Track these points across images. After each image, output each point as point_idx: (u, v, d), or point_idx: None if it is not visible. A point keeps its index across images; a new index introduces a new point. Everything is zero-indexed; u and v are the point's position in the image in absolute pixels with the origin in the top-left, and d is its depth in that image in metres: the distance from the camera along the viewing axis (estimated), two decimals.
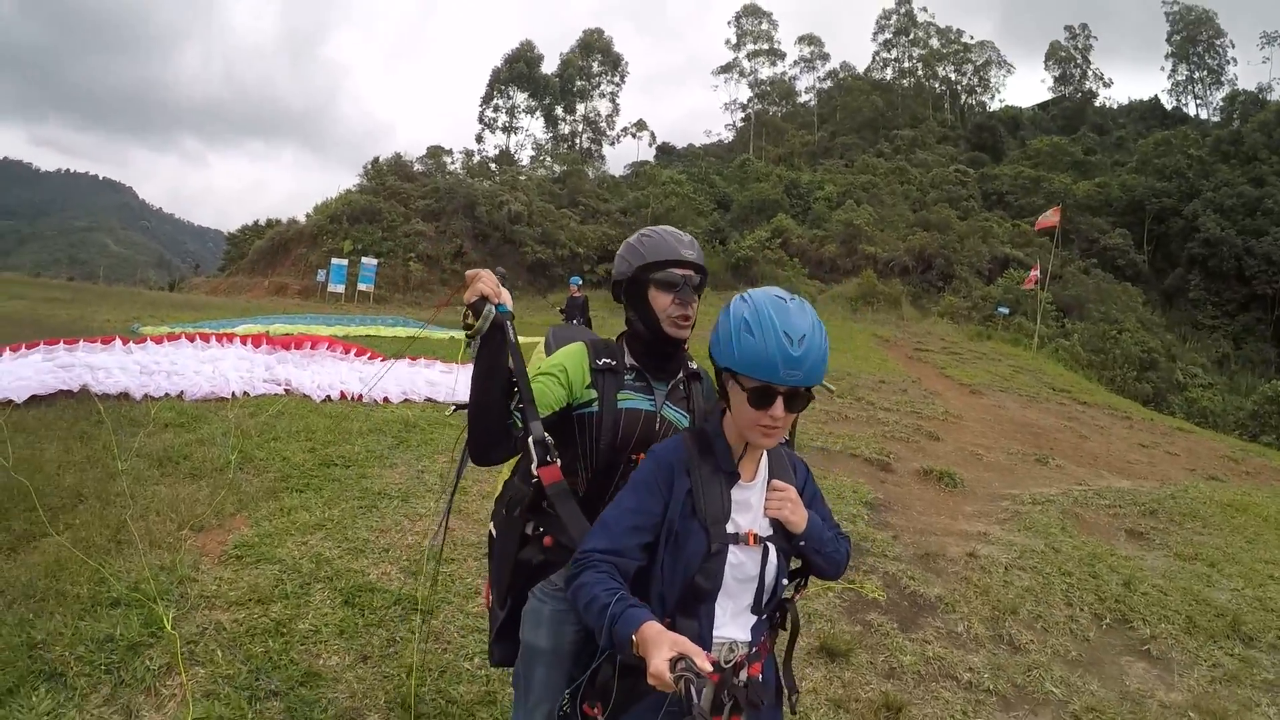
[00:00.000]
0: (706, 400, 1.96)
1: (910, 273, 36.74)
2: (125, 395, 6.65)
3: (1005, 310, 27.51)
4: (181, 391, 6.90)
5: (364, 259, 32.72)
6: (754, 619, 1.59)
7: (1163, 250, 41.95)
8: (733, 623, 1.57)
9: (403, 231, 38.46)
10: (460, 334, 1.76)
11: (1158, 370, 27.18)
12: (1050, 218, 24.39)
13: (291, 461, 5.28)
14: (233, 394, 7.11)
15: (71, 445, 5.14)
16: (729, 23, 71.36)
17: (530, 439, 1.72)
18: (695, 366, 2.01)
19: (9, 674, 2.59)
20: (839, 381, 11.83)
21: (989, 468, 8.11)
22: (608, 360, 1.92)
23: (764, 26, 69.20)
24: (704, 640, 1.50)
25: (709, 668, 1.16)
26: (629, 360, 1.94)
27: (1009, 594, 4.35)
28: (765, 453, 1.65)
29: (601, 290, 30.09)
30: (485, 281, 1.73)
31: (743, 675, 1.55)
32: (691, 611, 1.53)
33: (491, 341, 1.70)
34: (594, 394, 1.88)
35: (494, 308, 1.70)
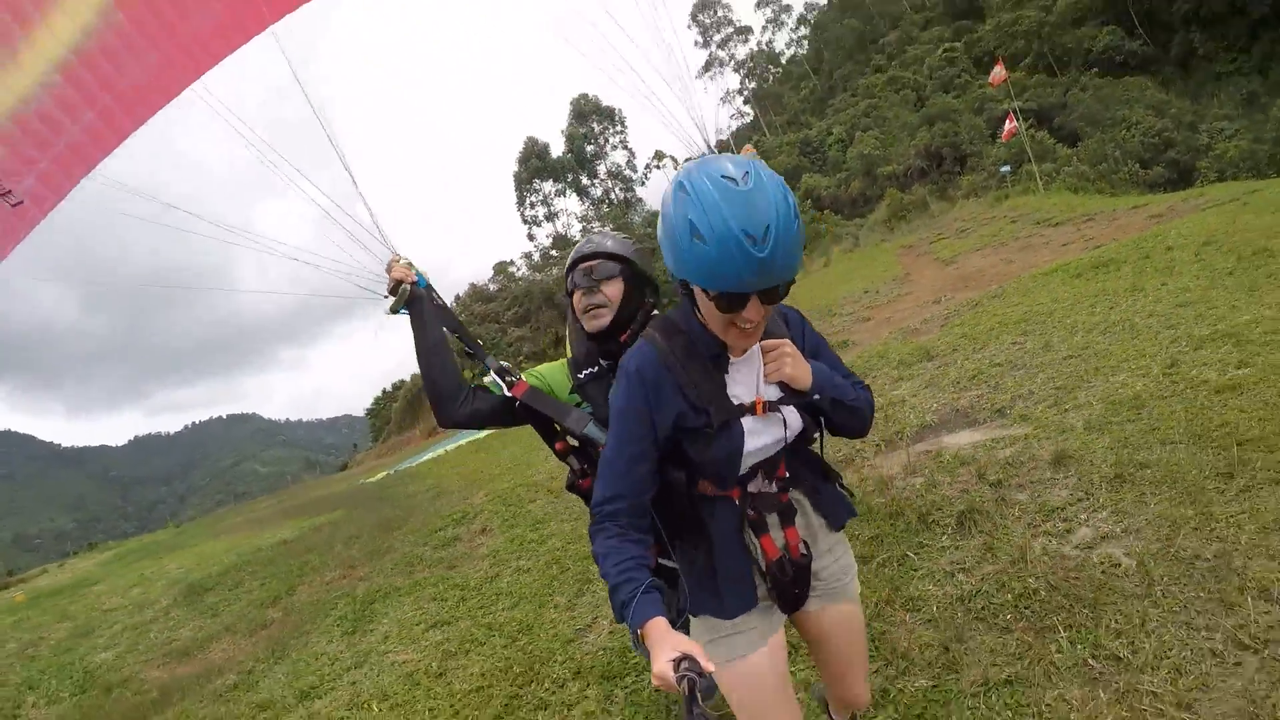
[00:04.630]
0: None
1: (929, 171, 39.07)
2: None
3: (1007, 169, 29.59)
4: None
5: (485, 379, 38.10)
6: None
7: (1158, 25, 41.35)
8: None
9: (504, 343, 45.18)
10: None
11: (1175, 147, 28.42)
12: (999, 73, 26.66)
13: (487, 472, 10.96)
14: None
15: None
16: (688, 26, 75.17)
17: (491, 370, 2.18)
18: None
19: (443, 523, 8.11)
20: (830, 318, 14.73)
21: (889, 325, 11.84)
22: (590, 370, 2.13)
23: (720, 13, 73.22)
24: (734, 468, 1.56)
25: (712, 667, 1.17)
26: (604, 363, 2.12)
27: None
28: None
29: None
30: (395, 270, 2.16)
31: (769, 484, 1.64)
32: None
33: (416, 310, 2.14)
34: (577, 399, 2.14)
35: (408, 285, 2.12)
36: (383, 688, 4.58)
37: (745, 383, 1.57)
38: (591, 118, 68.03)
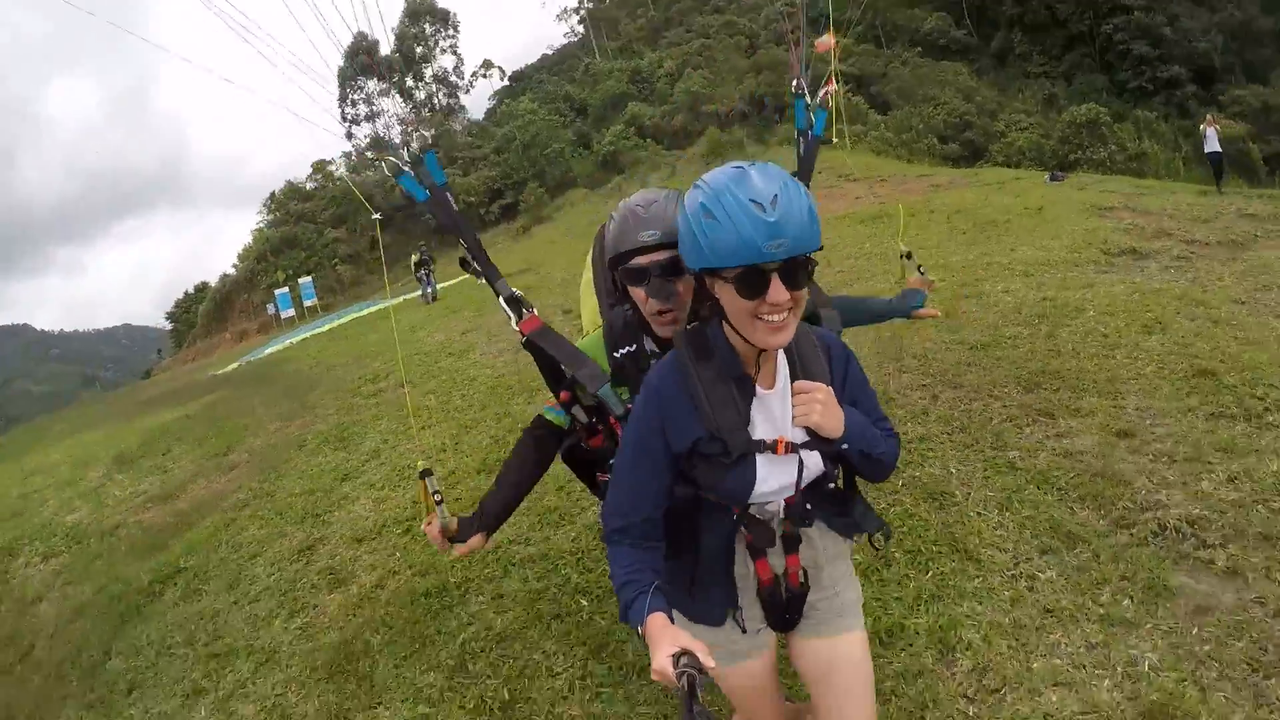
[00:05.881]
0: None
1: (750, 116, 42.75)
2: None
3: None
4: None
5: (300, 280, 36.20)
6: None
7: (986, 19, 46.49)
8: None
9: (320, 244, 44.17)
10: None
11: (973, 129, 33.59)
12: (826, 40, 30.07)
13: (367, 350, 11.98)
14: None
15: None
16: None
17: (501, 298, 1.98)
18: None
19: (359, 383, 9.37)
20: None
21: None
22: (627, 349, 1.89)
23: None
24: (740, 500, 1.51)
25: (712, 663, 1.17)
26: (649, 345, 1.90)
27: None
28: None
29: (489, 231, 36.33)
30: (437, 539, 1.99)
31: (772, 507, 1.57)
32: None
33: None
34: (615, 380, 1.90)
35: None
36: (414, 457, 5.76)
37: (771, 418, 1.50)
38: (425, 18, 64.99)
